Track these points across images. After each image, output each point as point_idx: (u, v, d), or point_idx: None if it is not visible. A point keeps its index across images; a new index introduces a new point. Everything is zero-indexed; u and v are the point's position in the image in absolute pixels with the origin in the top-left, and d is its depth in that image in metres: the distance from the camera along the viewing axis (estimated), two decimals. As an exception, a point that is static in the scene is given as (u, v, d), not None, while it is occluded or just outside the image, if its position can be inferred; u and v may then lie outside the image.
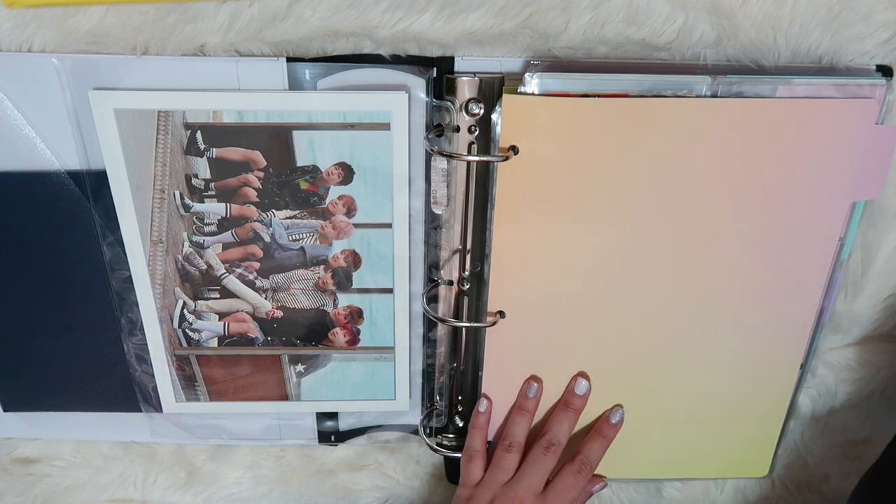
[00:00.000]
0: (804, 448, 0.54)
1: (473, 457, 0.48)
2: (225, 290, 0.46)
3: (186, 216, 0.44)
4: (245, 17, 0.39)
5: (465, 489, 0.48)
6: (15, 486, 0.54)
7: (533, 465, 0.46)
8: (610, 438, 0.48)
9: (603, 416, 0.49)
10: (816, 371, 0.50)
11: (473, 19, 0.40)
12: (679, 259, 0.44)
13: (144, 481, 0.54)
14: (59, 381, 0.50)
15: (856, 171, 0.42)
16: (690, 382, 0.48)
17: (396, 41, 0.40)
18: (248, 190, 0.43)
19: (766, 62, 0.41)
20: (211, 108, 0.41)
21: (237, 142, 0.42)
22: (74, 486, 0.54)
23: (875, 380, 0.51)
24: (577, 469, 0.47)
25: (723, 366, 0.47)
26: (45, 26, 0.39)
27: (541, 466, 0.46)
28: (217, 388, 0.49)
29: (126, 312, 0.47)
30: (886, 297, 0.48)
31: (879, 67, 0.41)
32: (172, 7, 0.39)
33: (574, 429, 0.48)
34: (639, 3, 0.39)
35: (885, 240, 0.46)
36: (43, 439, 0.53)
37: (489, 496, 0.46)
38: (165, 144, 0.42)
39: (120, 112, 0.41)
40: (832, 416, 0.52)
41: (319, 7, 0.39)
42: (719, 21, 0.40)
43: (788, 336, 0.47)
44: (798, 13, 0.40)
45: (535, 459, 0.46)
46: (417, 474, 0.55)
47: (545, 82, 0.39)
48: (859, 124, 0.40)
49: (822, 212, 0.43)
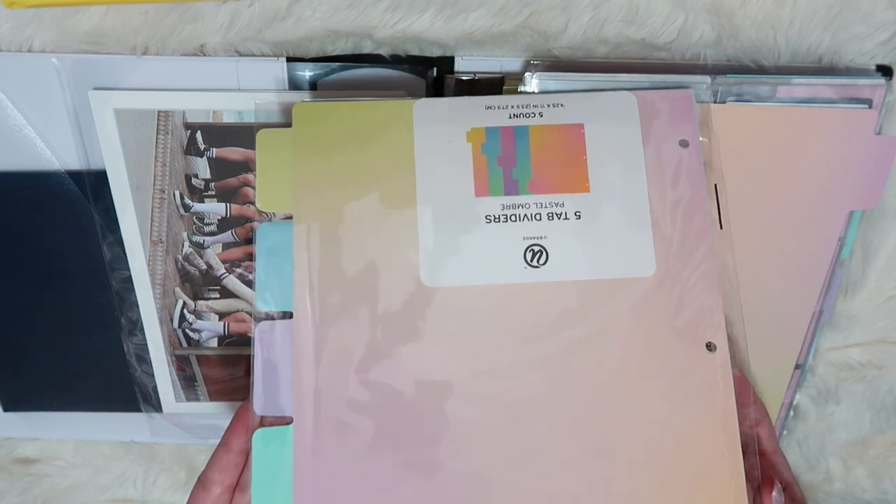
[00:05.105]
0: (805, 448, 0.54)
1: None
2: (225, 290, 0.46)
3: (186, 216, 0.44)
4: (245, 17, 0.39)
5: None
6: (15, 486, 0.54)
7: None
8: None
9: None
10: (816, 371, 0.50)
11: (473, 19, 0.40)
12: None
13: (144, 481, 0.54)
14: (59, 381, 0.50)
15: (854, 181, 0.42)
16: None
17: (396, 41, 0.40)
18: (248, 190, 0.43)
19: (766, 62, 0.41)
20: (211, 108, 0.41)
21: (237, 142, 0.42)
22: (74, 486, 0.54)
23: (875, 379, 0.51)
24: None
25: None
26: (45, 26, 0.39)
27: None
28: (217, 388, 0.49)
29: (126, 312, 0.47)
30: (886, 297, 0.48)
31: (879, 67, 0.41)
32: (172, 7, 0.39)
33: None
34: (639, 3, 0.39)
35: (886, 240, 0.46)
36: (43, 439, 0.53)
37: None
38: (165, 144, 0.42)
39: (120, 112, 0.41)
40: (832, 416, 0.52)
41: (319, 7, 0.39)
42: (719, 21, 0.40)
43: (785, 337, 0.46)
44: (798, 13, 0.40)
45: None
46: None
47: (545, 82, 0.39)
48: (857, 134, 0.40)
49: (820, 220, 0.42)
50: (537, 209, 0.37)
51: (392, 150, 0.38)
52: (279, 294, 0.38)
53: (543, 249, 0.37)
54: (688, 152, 0.38)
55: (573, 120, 0.38)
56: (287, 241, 0.37)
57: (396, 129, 0.38)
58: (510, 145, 0.38)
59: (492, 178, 0.37)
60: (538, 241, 0.37)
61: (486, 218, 0.37)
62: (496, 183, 0.37)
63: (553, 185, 0.38)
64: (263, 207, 0.38)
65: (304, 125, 0.38)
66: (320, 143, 0.38)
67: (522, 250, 0.37)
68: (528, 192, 0.38)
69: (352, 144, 0.38)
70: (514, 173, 0.37)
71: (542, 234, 0.37)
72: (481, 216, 0.37)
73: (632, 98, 0.38)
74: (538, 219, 0.37)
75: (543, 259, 0.37)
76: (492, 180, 0.37)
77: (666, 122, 0.38)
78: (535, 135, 0.38)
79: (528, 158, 0.38)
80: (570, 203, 0.37)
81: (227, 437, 0.38)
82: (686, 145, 0.38)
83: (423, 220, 0.37)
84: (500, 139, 0.38)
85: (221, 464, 0.38)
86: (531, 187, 0.38)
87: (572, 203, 0.37)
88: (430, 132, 0.38)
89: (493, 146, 0.38)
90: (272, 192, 0.38)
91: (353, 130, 0.38)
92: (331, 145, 0.38)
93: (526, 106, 0.38)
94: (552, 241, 0.37)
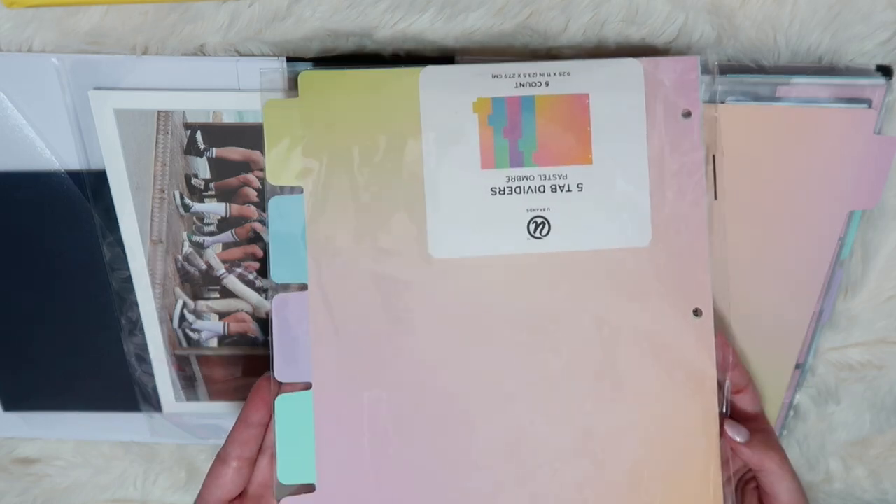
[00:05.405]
0: (805, 448, 0.54)
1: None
2: (225, 290, 0.46)
3: (186, 216, 0.44)
4: (245, 17, 0.39)
5: None
6: (15, 486, 0.54)
7: None
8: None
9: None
10: (816, 371, 0.50)
11: (473, 19, 0.40)
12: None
13: (144, 481, 0.54)
14: (59, 381, 0.50)
15: (854, 181, 0.42)
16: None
17: (396, 41, 0.40)
18: (248, 190, 0.43)
19: (766, 62, 0.41)
20: (211, 108, 0.41)
21: (237, 142, 0.42)
22: (74, 486, 0.54)
23: (875, 380, 0.51)
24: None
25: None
26: (45, 26, 0.39)
27: None
28: (217, 388, 0.49)
29: (126, 312, 0.47)
30: (886, 297, 0.48)
31: (879, 67, 0.41)
32: (172, 7, 0.39)
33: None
34: (639, 3, 0.39)
35: (886, 240, 0.46)
36: (43, 439, 0.53)
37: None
38: (165, 144, 0.42)
39: (120, 112, 0.41)
40: (832, 416, 0.52)
41: (319, 7, 0.39)
42: (719, 21, 0.40)
43: (785, 337, 0.46)
44: (798, 13, 0.40)
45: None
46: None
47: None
48: (857, 134, 0.40)
49: (820, 220, 0.42)
50: (541, 181, 0.38)
51: (399, 119, 0.38)
52: (293, 266, 0.39)
53: (546, 221, 0.38)
54: (689, 123, 0.38)
55: (579, 90, 0.38)
56: (299, 213, 0.38)
57: (403, 97, 0.38)
58: (516, 116, 0.38)
59: (498, 151, 0.38)
60: (541, 213, 0.38)
61: (491, 190, 0.38)
62: (502, 155, 0.38)
63: (557, 156, 0.38)
64: (273, 180, 0.38)
65: (310, 94, 0.38)
66: (327, 112, 0.38)
67: (526, 222, 0.38)
68: (533, 165, 0.38)
69: (359, 113, 0.38)
70: (519, 145, 0.38)
71: (545, 205, 0.38)
72: (487, 188, 0.38)
73: (638, 66, 0.38)
74: (542, 191, 0.38)
75: (546, 230, 0.38)
76: (498, 153, 0.38)
77: (670, 92, 0.38)
78: (541, 105, 0.38)
79: (534, 130, 0.38)
80: (573, 175, 0.38)
81: (245, 412, 0.39)
82: (688, 115, 0.38)
83: (430, 193, 0.38)
84: (506, 110, 0.38)
85: (242, 438, 0.39)
86: (536, 159, 0.38)
87: (575, 175, 0.38)
88: (437, 101, 0.38)
89: (499, 117, 0.38)
90: (282, 164, 0.38)
91: (360, 98, 0.38)
92: (338, 114, 0.38)
93: (533, 74, 0.38)
94: (555, 213, 0.38)
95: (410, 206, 0.38)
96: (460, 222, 0.39)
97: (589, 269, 0.39)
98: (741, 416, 0.41)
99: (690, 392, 0.39)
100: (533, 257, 0.39)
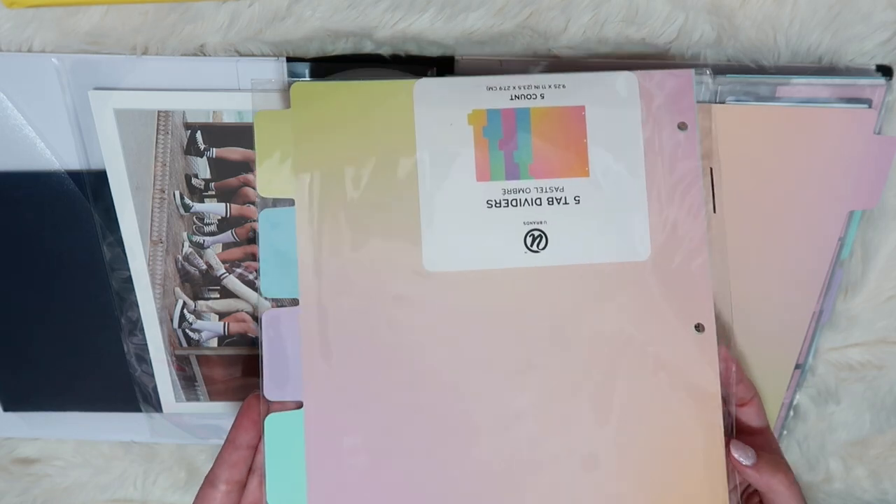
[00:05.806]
0: (805, 448, 0.54)
1: None
2: (225, 290, 0.46)
3: (186, 216, 0.44)
4: (245, 17, 0.39)
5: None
6: (15, 486, 0.54)
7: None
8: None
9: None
10: (816, 371, 0.50)
11: (473, 19, 0.40)
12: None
13: (144, 481, 0.54)
14: (59, 381, 0.50)
15: (854, 181, 0.42)
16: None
17: (396, 41, 0.40)
18: (248, 190, 0.43)
19: (766, 62, 0.41)
20: (211, 108, 0.41)
21: (237, 142, 0.42)
22: (74, 486, 0.54)
23: (875, 380, 0.51)
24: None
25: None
26: (45, 26, 0.39)
27: None
28: (217, 388, 0.49)
29: (126, 312, 0.47)
30: (886, 297, 0.48)
31: (879, 67, 0.41)
32: (172, 7, 0.39)
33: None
34: (639, 3, 0.39)
35: (886, 240, 0.46)
36: (43, 439, 0.53)
37: None
38: (165, 144, 0.42)
39: (120, 112, 0.41)
40: (832, 416, 0.52)
41: (319, 7, 0.39)
42: (719, 21, 0.40)
43: (785, 337, 0.46)
44: (798, 13, 0.40)
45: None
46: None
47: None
48: (857, 134, 0.40)
49: (820, 220, 0.42)
50: (538, 194, 0.38)
51: (393, 132, 0.38)
52: (284, 281, 0.38)
53: (543, 234, 0.38)
54: (686, 135, 0.38)
55: (574, 102, 0.38)
56: (290, 226, 0.37)
57: (397, 109, 0.38)
58: (511, 128, 0.38)
59: (493, 163, 0.38)
60: (538, 227, 0.38)
61: (487, 203, 0.38)
62: (497, 168, 0.38)
63: (554, 169, 0.38)
64: (265, 193, 0.38)
65: (302, 105, 0.38)
66: (320, 124, 0.38)
67: (523, 235, 0.38)
68: (529, 177, 0.38)
69: (352, 125, 0.38)
70: (515, 157, 0.38)
71: (542, 218, 0.38)
72: (482, 201, 0.38)
73: (633, 78, 0.38)
74: (538, 203, 0.38)
75: (543, 244, 0.38)
76: (493, 165, 0.38)
77: (666, 104, 0.38)
78: (537, 117, 0.38)
79: (530, 142, 0.38)
80: (569, 188, 0.38)
81: (233, 433, 0.38)
82: (684, 128, 0.38)
83: (424, 205, 0.38)
84: (501, 122, 0.38)
85: (230, 460, 0.38)
86: (532, 171, 0.38)
87: (572, 188, 0.38)
88: (432, 113, 0.38)
89: (494, 129, 0.38)
90: (273, 176, 0.38)
91: (354, 110, 0.38)
92: (331, 126, 0.37)
93: (528, 87, 0.38)
94: (552, 227, 0.38)
95: (404, 219, 0.37)
96: (455, 235, 0.38)
97: (587, 284, 0.38)
98: (746, 430, 0.40)
99: (694, 409, 0.38)
100: (530, 271, 0.38)
